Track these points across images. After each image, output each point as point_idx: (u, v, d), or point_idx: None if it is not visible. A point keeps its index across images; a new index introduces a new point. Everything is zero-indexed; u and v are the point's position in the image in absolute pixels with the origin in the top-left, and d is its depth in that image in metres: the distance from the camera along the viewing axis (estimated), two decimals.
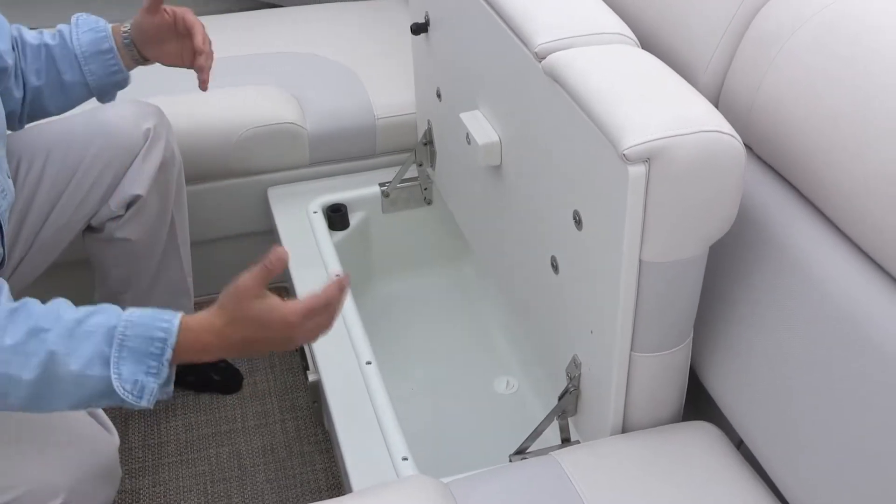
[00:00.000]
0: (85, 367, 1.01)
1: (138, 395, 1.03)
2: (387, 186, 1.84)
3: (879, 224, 0.92)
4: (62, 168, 1.44)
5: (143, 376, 1.03)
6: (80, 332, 1.02)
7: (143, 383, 1.03)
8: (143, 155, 1.48)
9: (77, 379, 1.01)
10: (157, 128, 1.50)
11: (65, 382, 1.02)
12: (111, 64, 1.41)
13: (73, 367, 1.01)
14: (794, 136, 1.02)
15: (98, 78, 1.42)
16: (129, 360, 1.02)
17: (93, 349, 1.02)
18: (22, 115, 1.42)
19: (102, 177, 1.46)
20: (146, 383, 1.03)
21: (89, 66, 1.40)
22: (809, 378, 1.00)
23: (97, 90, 1.44)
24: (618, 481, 1.10)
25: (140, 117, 1.49)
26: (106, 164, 1.46)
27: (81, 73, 1.41)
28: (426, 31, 1.61)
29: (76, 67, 1.40)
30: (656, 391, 1.15)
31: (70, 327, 1.03)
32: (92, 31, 1.41)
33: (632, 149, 0.95)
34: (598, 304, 1.11)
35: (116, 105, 1.49)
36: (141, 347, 1.03)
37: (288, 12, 2.24)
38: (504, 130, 1.33)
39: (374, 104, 1.86)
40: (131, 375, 1.02)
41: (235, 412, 1.78)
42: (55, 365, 1.01)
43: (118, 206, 1.49)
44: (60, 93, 1.42)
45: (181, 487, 1.65)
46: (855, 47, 0.97)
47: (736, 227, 1.06)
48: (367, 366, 1.43)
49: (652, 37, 1.23)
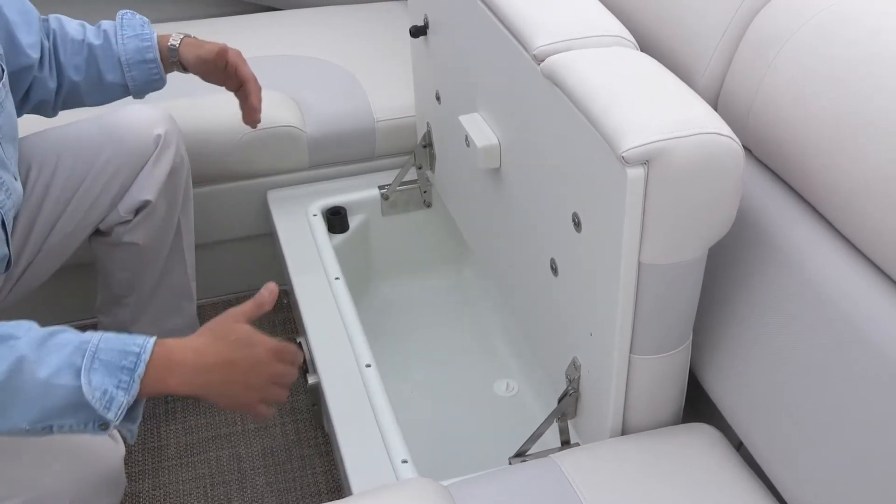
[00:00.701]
0: (53, 375, 0.98)
1: (107, 405, 1.00)
2: (386, 189, 1.84)
3: (879, 226, 0.92)
4: (72, 174, 1.45)
5: (113, 388, 1.00)
6: (52, 344, 1.00)
7: (113, 395, 1.00)
8: (153, 161, 1.48)
9: (44, 388, 0.98)
10: (168, 134, 1.50)
11: (30, 391, 0.98)
12: (153, 72, 1.45)
13: (41, 374, 0.98)
14: (792, 138, 1.02)
15: (138, 83, 1.46)
16: (100, 371, 1.00)
17: (63, 359, 0.99)
18: (56, 104, 1.45)
19: (112, 182, 1.47)
20: (115, 395, 1.00)
21: (132, 72, 1.44)
22: (809, 380, 1.00)
23: (135, 92, 1.47)
24: (618, 483, 1.10)
25: (151, 123, 1.49)
26: (116, 170, 1.47)
27: (123, 76, 1.44)
28: (425, 34, 1.61)
29: (118, 71, 1.43)
30: (656, 393, 1.15)
31: (41, 337, 1.00)
32: (137, 39, 1.44)
33: (630, 151, 0.95)
34: (598, 307, 1.11)
35: (127, 110, 1.50)
36: (113, 360, 1.00)
37: (287, 15, 2.24)
38: (503, 133, 1.33)
39: (373, 107, 1.86)
40: (101, 385, 0.99)
41: (235, 415, 1.78)
42: (22, 371, 0.97)
43: (127, 211, 1.49)
44: (99, 90, 1.45)
45: (181, 491, 1.64)
46: (853, 49, 0.97)
47: (735, 229, 1.06)
48: (366, 368, 1.43)
49: (651, 39, 1.24)
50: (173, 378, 1.03)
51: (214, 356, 1.05)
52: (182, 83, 1.56)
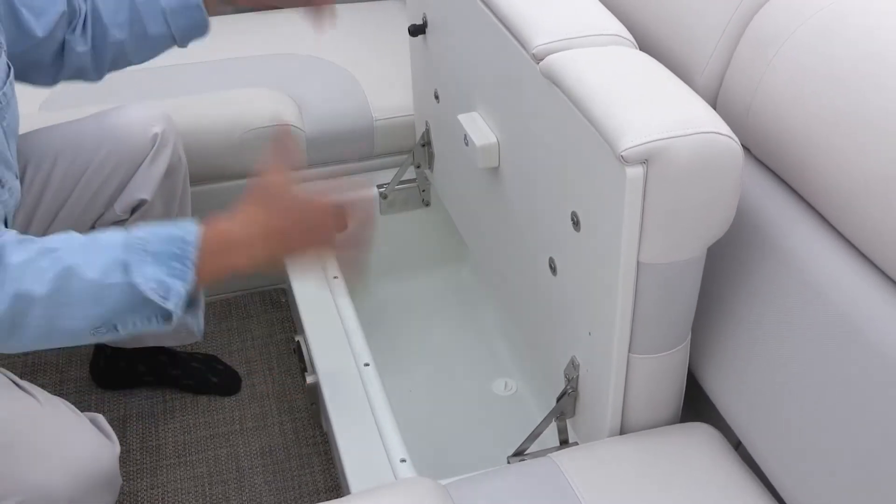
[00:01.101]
0: (104, 275, 0.96)
1: (164, 295, 0.97)
2: (385, 188, 1.84)
3: (878, 225, 0.92)
4: (69, 172, 1.44)
5: (166, 277, 0.97)
6: (96, 246, 0.99)
7: (169, 284, 0.98)
8: (150, 160, 1.48)
9: (97, 289, 0.96)
10: (166, 133, 1.49)
11: (84, 295, 0.96)
12: (198, 17, 1.42)
13: (91, 275, 0.96)
14: (791, 137, 1.02)
15: (183, 30, 1.43)
16: (150, 263, 0.97)
17: (111, 258, 0.97)
18: (100, 67, 1.43)
19: (109, 181, 1.46)
20: (172, 284, 0.98)
21: (177, 21, 1.41)
22: (807, 379, 1.00)
23: (181, 40, 1.45)
24: (616, 483, 1.10)
25: (148, 122, 1.48)
26: (113, 169, 1.46)
27: (168, 26, 1.41)
28: (424, 33, 1.61)
29: (162, 21, 1.40)
30: (654, 393, 1.15)
31: (84, 243, 0.99)
32: None
33: (629, 150, 0.95)
34: (597, 306, 1.11)
35: (125, 109, 1.49)
36: (162, 249, 0.98)
37: (286, 14, 2.24)
38: (502, 132, 1.33)
39: (372, 106, 1.86)
40: (154, 276, 0.97)
41: (234, 414, 1.78)
42: (71, 277, 0.96)
43: (123, 210, 1.49)
44: (145, 45, 1.43)
45: (179, 489, 1.64)
46: (853, 48, 0.97)
47: (734, 228, 1.06)
48: (365, 367, 1.43)
49: (650, 38, 1.23)
50: (231, 257, 1.01)
51: (265, 226, 1.02)
52: (180, 83, 1.56)
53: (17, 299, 0.95)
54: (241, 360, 1.88)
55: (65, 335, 1.00)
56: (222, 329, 1.95)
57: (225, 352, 1.90)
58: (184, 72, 1.92)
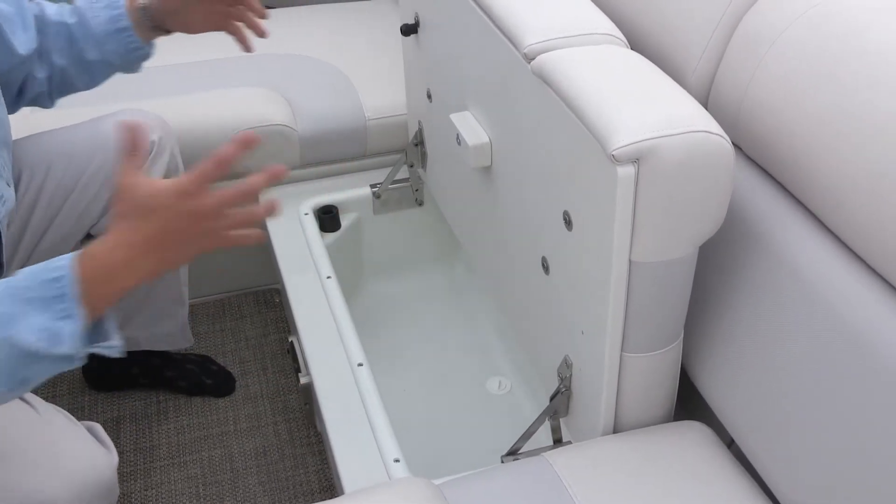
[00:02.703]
0: None
1: (53, 341, 0.91)
2: (378, 188, 1.84)
3: (869, 223, 0.92)
4: (63, 180, 1.43)
5: (54, 322, 0.91)
6: None
7: (59, 328, 0.91)
8: (146, 168, 1.46)
9: None
10: (162, 140, 1.48)
11: None
12: (130, 41, 1.37)
13: None
14: (782, 135, 1.02)
15: (120, 56, 1.38)
16: (36, 311, 0.91)
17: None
18: (51, 94, 1.39)
19: (103, 189, 1.45)
20: (62, 327, 0.91)
21: (109, 45, 1.36)
22: (800, 377, 1.00)
23: (121, 67, 1.41)
24: (609, 482, 1.10)
25: None
26: (107, 178, 1.44)
27: (102, 52, 1.37)
28: (416, 32, 1.61)
29: (96, 47, 1.36)
30: (647, 391, 1.15)
31: None
32: (108, 9, 1.35)
33: (621, 149, 0.95)
34: (589, 305, 1.11)
35: (121, 116, 1.47)
36: (41, 294, 0.92)
37: (278, 13, 2.24)
38: (494, 131, 1.33)
39: (364, 105, 1.86)
40: (41, 324, 0.91)
41: (227, 414, 1.78)
42: None
43: None
44: (85, 71, 1.39)
45: (173, 491, 1.64)
46: (843, 46, 0.98)
47: (725, 226, 1.06)
48: (358, 367, 1.43)
49: (641, 37, 1.24)
50: (116, 280, 0.94)
51: (136, 233, 0.94)
52: (171, 84, 1.55)
53: None
54: (235, 361, 1.88)
55: None
56: (216, 329, 1.94)
57: (219, 352, 1.89)
58: (176, 72, 1.92)
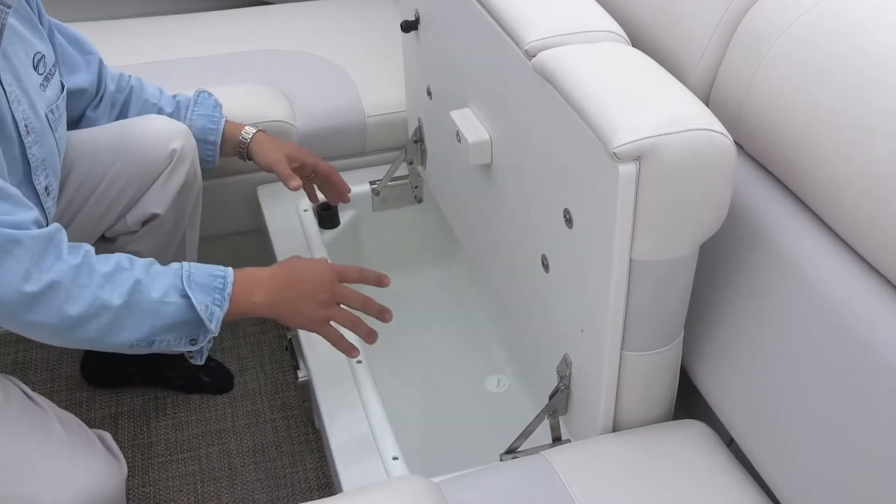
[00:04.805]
0: (164, 294, 1.15)
1: (209, 317, 1.18)
2: (377, 185, 1.84)
3: (870, 222, 0.92)
4: (84, 182, 1.44)
5: (211, 304, 1.18)
6: (154, 271, 1.17)
7: (212, 309, 1.18)
8: (165, 175, 1.47)
9: (156, 306, 1.15)
10: (184, 149, 1.48)
11: (145, 309, 1.14)
12: (208, 152, 1.57)
13: (154, 294, 1.15)
14: (784, 133, 1.02)
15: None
16: (198, 291, 1.18)
17: (169, 282, 1.16)
18: None
19: (123, 194, 1.46)
20: (213, 310, 1.18)
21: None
22: (799, 376, 1.00)
23: None
24: (608, 480, 1.10)
25: (167, 137, 1.47)
26: (128, 182, 1.45)
27: None
28: (416, 29, 1.60)
29: None
30: (647, 390, 1.15)
31: (145, 266, 1.17)
32: (206, 119, 1.56)
33: (622, 147, 0.94)
34: (589, 303, 1.11)
35: (145, 122, 1.49)
36: (206, 282, 1.19)
37: (277, 10, 2.23)
38: (494, 129, 1.33)
39: (364, 102, 1.86)
40: (203, 300, 1.17)
41: (226, 411, 1.77)
42: (139, 293, 1.14)
43: (134, 223, 1.48)
44: None
45: (171, 487, 1.64)
46: (845, 44, 0.97)
47: (727, 225, 1.06)
48: (357, 364, 1.43)
49: (643, 35, 1.23)
50: (254, 296, 1.22)
51: (286, 277, 1.26)
52: (172, 78, 1.55)
53: (95, 304, 1.11)
54: (233, 358, 1.88)
55: (109, 344, 1.15)
56: None
57: (217, 349, 1.89)
58: (177, 68, 1.92)
